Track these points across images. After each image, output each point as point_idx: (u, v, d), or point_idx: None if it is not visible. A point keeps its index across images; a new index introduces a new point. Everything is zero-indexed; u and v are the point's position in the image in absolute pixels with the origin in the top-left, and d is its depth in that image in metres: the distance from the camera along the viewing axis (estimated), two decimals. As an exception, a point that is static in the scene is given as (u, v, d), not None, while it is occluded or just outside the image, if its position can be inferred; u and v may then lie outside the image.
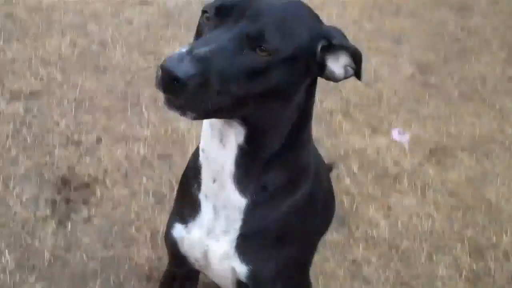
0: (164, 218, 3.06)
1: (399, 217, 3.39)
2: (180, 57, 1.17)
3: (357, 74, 1.44)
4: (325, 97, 4.26)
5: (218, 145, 1.47)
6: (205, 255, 1.69)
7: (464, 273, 3.11)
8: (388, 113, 4.32)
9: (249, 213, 1.56)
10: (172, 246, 1.80)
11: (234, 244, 1.62)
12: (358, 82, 1.54)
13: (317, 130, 3.75)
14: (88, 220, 3.07)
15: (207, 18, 1.34)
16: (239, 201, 1.54)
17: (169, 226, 1.82)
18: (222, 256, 1.65)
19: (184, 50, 1.20)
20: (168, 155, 3.56)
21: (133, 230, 3.04)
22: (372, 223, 3.33)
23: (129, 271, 2.85)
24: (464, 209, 3.53)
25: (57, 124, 3.64)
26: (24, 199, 3.11)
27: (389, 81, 4.77)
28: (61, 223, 3.02)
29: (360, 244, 3.19)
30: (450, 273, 3.12)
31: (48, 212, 3.06)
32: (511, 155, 4.10)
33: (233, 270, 1.66)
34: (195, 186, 1.63)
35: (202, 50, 1.20)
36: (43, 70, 4.14)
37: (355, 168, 3.68)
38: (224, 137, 1.45)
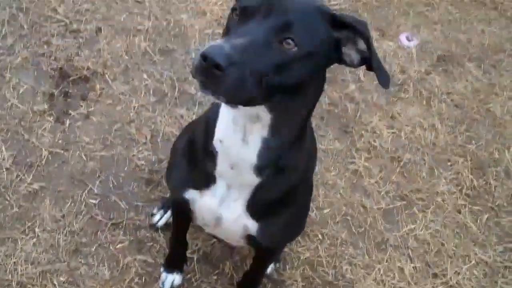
0: (164, 120, 3.00)
1: (403, 128, 3.34)
2: (221, 47, 1.26)
3: (370, 58, 1.47)
4: (333, -5, 4.08)
5: (241, 142, 1.57)
6: (218, 220, 1.84)
7: (464, 189, 3.11)
8: (397, 16, 4.16)
9: (260, 187, 1.70)
10: (183, 205, 1.91)
11: (245, 206, 1.77)
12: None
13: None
14: (87, 117, 2.99)
15: (236, 15, 1.43)
16: (253, 181, 1.67)
17: (181, 188, 1.90)
18: (235, 218, 1.80)
19: (221, 41, 1.29)
20: (170, 50, 3.43)
21: (133, 130, 2.97)
22: (375, 133, 3.28)
23: (128, 173, 2.82)
24: (469, 122, 3.48)
25: (55, 10, 3.46)
26: (21, 91, 3.01)
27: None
28: (59, 120, 2.94)
29: (362, 154, 3.16)
30: (451, 188, 3.11)
31: (45, 106, 2.97)
32: (520, 67, 4.00)
33: (245, 226, 1.82)
34: (209, 164, 1.72)
35: (238, 41, 1.30)
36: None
37: (360, 74, 3.58)
38: (248, 134, 1.55)
